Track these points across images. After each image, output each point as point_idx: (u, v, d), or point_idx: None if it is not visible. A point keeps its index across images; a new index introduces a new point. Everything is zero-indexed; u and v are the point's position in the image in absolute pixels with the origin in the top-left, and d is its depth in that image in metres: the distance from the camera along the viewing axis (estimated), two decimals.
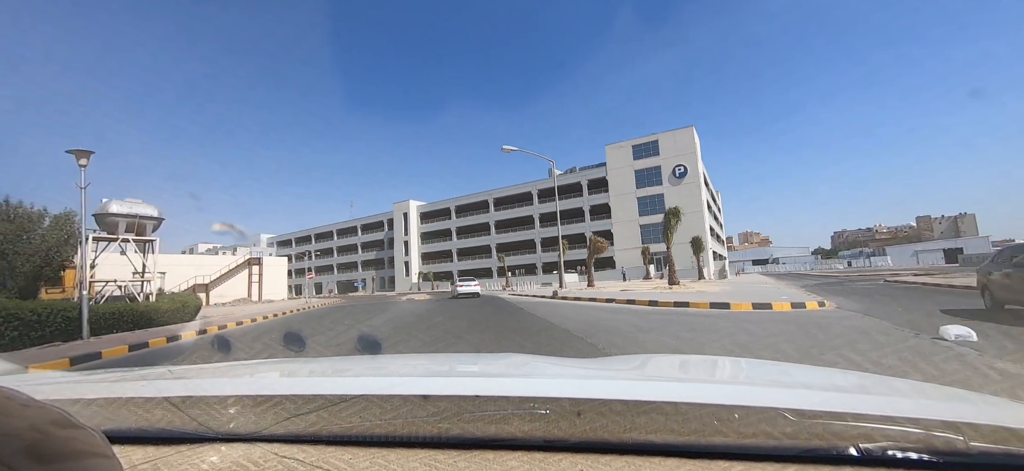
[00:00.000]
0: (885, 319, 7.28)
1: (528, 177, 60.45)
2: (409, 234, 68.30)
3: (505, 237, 60.56)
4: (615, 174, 52.33)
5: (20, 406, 0.40)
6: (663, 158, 49.49)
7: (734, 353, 5.17)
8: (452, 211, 65.71)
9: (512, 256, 57.48)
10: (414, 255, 68.11)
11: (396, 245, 70.14)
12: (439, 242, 67.14)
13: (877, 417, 0.64)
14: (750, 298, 11.99)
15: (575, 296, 18.53)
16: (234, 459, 0.71)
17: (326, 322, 14.53)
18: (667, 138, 49.51)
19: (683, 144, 48.61)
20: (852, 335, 6.05)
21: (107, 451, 0.46)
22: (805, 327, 6.93)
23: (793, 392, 0.81)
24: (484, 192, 63.03)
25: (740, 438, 0.66)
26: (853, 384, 1.05)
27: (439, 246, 66.95)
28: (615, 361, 1.48)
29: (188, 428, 0.79)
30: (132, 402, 0.82)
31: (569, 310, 12.73)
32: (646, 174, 50.61)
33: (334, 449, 0.74)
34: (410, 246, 68.02)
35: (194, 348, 9.40)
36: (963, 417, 0.64)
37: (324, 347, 7.40)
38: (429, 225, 68.38)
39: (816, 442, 0.64)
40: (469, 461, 0.68)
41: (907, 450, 0.62)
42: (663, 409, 0.69)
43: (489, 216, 62.07)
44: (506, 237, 60.48)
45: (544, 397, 0.73)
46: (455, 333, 8.99)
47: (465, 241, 64.34)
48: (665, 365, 1.32)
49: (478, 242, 62.95)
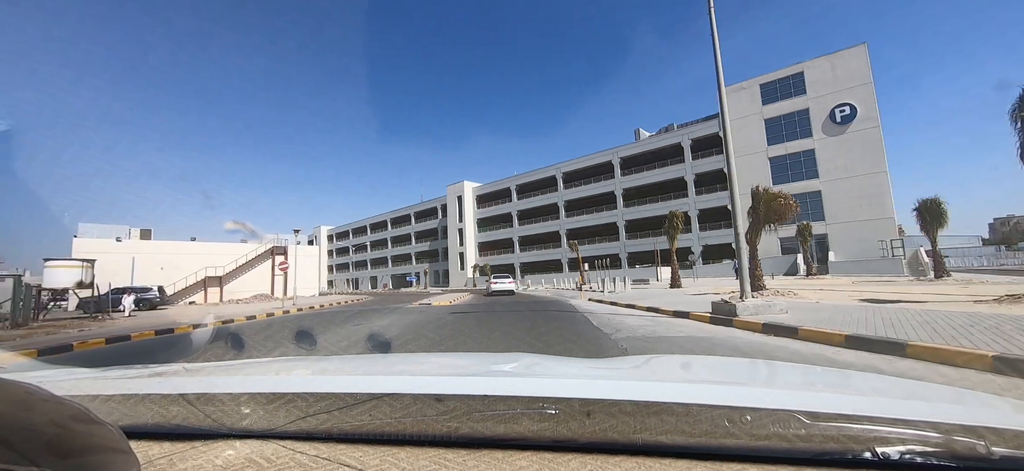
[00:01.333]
0: None
1: (603, 144, 47.43)
2: (464, 221, 58.50)
3: (578, 220, 48.07)
4: (734, 127, 37.32)
5: (41, 402, 0.41)
6: (813, 97, 33.70)
7: None
8: (512, 191, 54.58)
9: (588, 244, 44.84)
10: (470, 245, 58.20)
11: (449, 234, 60.82)
12: (498, 229, 56.45)
13: (894, 421, 0.62)
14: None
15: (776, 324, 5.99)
16: (247, 455, 0.73)
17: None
18: (819, 67, 33.55)
19: (847, 72, 32.41)
20: None
21: (124, 446, 0.48)
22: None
23: (807, 394, 0.79)
24: (550, 166, 51.05)
25: (752, 440, 0.65)
26: (869, 387, 1.01)
27: (498, 234, 56.26)
28: (624, 361, 1.49)
29: (203, 424, 0.80)
30: (149, 399, 0.84)
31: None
32: (784, 124, 35.13)
33: (345, 447, 0.75)
34: (465, 235, 58.21)
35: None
36: (985, 422, 0.62)
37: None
38: (486, 209, 57.96)
39: (830, 445, 0.62)
40: (479, 460, 0.69)
41: (925, 455, 0.60)
42: (674, 410, 0.68)
43: (557, 195, 49.95)
44: (579, 220, 47.96)
45: (554, 397, 0.73)
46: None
47: (528, 227, 52.89)
48: (676, 366, 1.31)
49: (544, 227, 51.14)
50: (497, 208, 56.52)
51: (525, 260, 52.86)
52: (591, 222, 46.99)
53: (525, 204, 53.27)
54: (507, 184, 55.28)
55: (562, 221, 49.20)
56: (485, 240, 57.85)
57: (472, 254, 58.06)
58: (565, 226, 48.77)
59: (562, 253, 48.56)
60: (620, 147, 45.18)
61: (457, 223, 59.56)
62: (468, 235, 58.24)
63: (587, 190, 47.46)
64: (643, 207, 43.37)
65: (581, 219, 47.85)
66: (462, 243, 58.77)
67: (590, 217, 47.18)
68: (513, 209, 54.29)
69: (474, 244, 58.69)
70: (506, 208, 55.24)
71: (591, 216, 47.12)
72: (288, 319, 15.01)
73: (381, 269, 76.43)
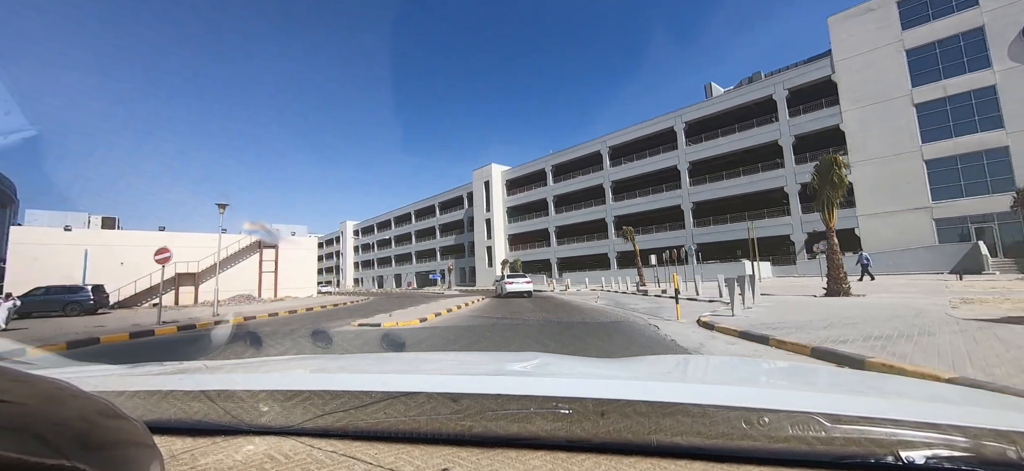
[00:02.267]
0: None
1: (656, 110, 37.65)
2: (492, 209, 50.52)
3: (630, 205, 38.71)
4: (851, 69, 26.79)
5: (70, 397, 0.42)
6: (990, 9, 22.70)
7: None
8: (547, 174, 45.93)
9: (643, 235, 35.41)
10: (499, 238, 50.15)
11: (476, 225, 53.07)
12: (531, 218, 48.01)
13: (918, 424, 0.61)
14: None
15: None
16: (265, 450, 0.75)
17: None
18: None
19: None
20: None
21: (149, 440, 0.50)
22: None
23: (827, 396, 0.78)
24: (594, 140, 41.93)
25: (770, 442, 0.64)
26: (893, 389, 0.99)
27: (531, 224, 47.81)
28: (640, 361, 1.40)
29: (223, 420, 0.82)
30: (172, 395, 0.86)
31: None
32: (940, 54, 24.23)
33: (360, 444, 0.76)
34: (494, 226, 50.21)
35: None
36: (1017, 426, 0.59)
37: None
38: (518, 196, 49.66)
39: (852, 448, 0.61)
40: (492, 459, 0.69)
41: (952, 461, 0.57)
42: (690, 411, 0.68)
43: (602, 175, 40.77)
44: (631, 204, 38.60)
45: (567, 397, 0.73)
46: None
47: (568, 214, 44.08)
48: (691, 366, 1.28)
49: (586, 214, 42.13)
50: (530, 193, 48.04)
51: (564, 254, 44.08)
52: (646, 206, 37.49)
53: (563, 187, 44.44)
54: (541, 165, 46.67)
55: (609, 206, 39.96)
56: (516, 232, 49.56)
57: (501, 248, 49.98)
58: (613, 212, 39.52)
59: (609, 246, 39.38)
60: (685, 109, 35.32)
61: (484, 212, 51.67)
62: (497, 226, 50.19)
63: (641, 167, 37.95)
64: (718, 185, 33.34)
65: (633, 203, 38.43)
66: (490, 235, 50.81)
67: (645, 200, 37.68)
68: (549, 194, 45.62)
69: (503, 237, 50.57)
70: (540, 193, 46.67)
71: (646, 198, 37.59)
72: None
73: (405, 266, 70.16)
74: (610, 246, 39.31)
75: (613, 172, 39.82)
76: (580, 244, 42.56)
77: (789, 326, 6.66)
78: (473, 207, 53.91)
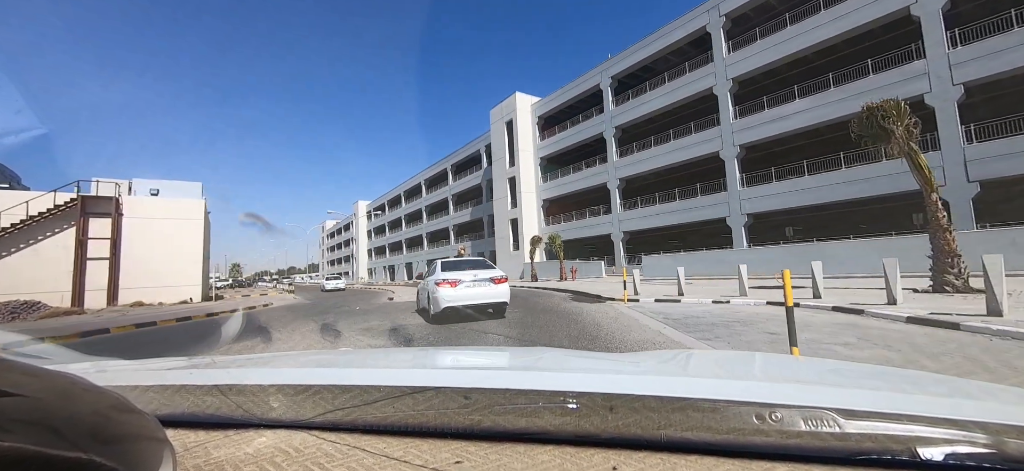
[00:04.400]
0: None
1: None
2: (517, 162, 33.54)
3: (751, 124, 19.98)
4: None
5: (83, 391, 0.43)
6: None
7: None
8: (606, 93, 27.98)
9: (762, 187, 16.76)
10: (528, 206, 33.14)
11: (496, 190, 36.35)
12: (576, 169, 30.46)
13: (937, 420, 0.59)
14: None
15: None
16: (276, 444, 0.76)
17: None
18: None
19: None
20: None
21: (161, 434, 0.50)
22: None
23: (841, 390, 0.77)
24: (698, 7, 23.38)
25: (782, 438, 0.63)
26: (910, 383, 0.95)
27: (578, 180, 30.28)
28: (649, 356, 1.40)
29: (235, 414, 0.84)
30: (184, 389, 0.88)
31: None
32: None
33: (368, 437, 0.78)
34: (519, 187, 33.23)
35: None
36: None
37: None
38: (556, 138, 32.25)
39: (867, 444, 0.60)
40: (500, 453, 0.70)
41: (973, 457, 0.56)
42: (700, 406, 0.67)
43: (710, 71, 22.28)
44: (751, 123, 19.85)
45: (575, 391, 0.73)
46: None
47: (644, 156, 26.04)
48: (702, 361, 1.28)
49: (683, 149, 23.91)
50: (576, 131, 30.42)
51: (637, 225, 26.24)
52: (806, 120, 18.72)
53: (637, 107, 26.39)
54: (595, 79, 28.76)
55: (729, 125, 21.51)
56: (555, 195, 32.22)
57: (533, 220, 32.92)
58: (736, 136, 21.06)
59: (723, 203, 21.11)
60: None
61: (506, 168, 34.73)
62: (525, 188, 33.13)
63: (765, 51, 19.15)
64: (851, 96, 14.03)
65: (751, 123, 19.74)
66: (515, 201, 33.87)
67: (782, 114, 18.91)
68: (608, 125, 27.75)
69: (536, 203, 33.45)
70: (593, 127, 28.91)
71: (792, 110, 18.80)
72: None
73: (417, 252, 55.14)
74: (725, 203, 21.01)
75: (733, 63, 21.26)
76: (670, 207, 24.44)
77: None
78: (492, 163, 37.12)
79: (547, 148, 32.78)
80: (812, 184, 18.37)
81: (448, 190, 46.42)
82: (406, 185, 57.77)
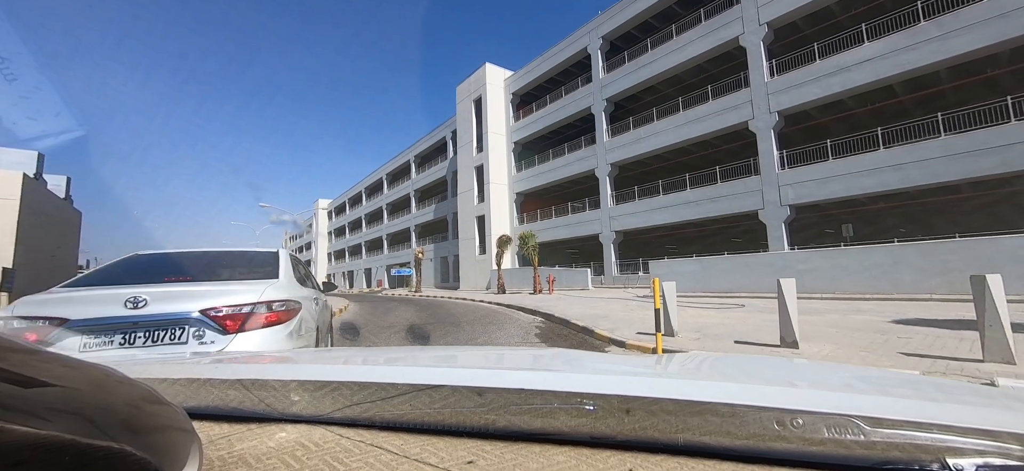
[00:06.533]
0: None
1: None
2: (486, 147, 27.54)
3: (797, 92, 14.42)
4: None
5: (116, 383, 0.45)
6: None
7: None
8: (597, 58, 22.27)
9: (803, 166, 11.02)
10: (498, 199, 27.12)
11: (461, 183, 30.24)
12: (558, 153, 24.59)
13: (970, 430, 0.57)
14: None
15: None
16: (296, 438, 0.79)
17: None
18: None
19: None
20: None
21: (188, 426, 0.52)
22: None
23: (868, 398, 0.73)
24: None
25: (804, 445, 0.61)
26: (942, 392, 0.90)
27: (555, 171, 24.40)
28: (667, 358, 1.37)
29: (257, 408, 0.86)
30: (210, 383, 0.91)
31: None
32: None
33: (386, 434, 0.79)
34: (487, 177, 27.18)
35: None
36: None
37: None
38: (530, 122, 26.40)
39: (894, 454, 0.58)
40: (516, 453, 0.70)
41: (1006, 470, 0.54)
42: (719, 410, 0.66)
43: (738, 16, 16.69)
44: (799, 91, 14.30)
45: (592, 393, 0.73)
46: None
47: (647, 132, 20.29)
48: (720, 365, 1.28)
49: (702, 121, 18.20)
50: (559, 108, 24.61)
51: (632, 223, 20.45)
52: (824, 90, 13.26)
53: (629, 76, 20.75)
54: (582, 41, 23.08)
55: (763, 86, 15.94)
56: (531, 187, 26.28)
57: (504, 216, 26.91)
58: (775, 99, 15.48)
59: (754, 191, 15.45)
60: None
61: (473, 156, 28.72)
62: (496, 177, 27.12)
63: None
64: None
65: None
66: (482, 194, 27.79)
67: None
68: (597, 97, 22.05)
69: (508, 195, 27.48)
70: (579, 102, 23.18)
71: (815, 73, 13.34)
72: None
73: (376, 256, 48.69)
74: (768, 191, 15.39)
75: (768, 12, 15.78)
76: (678, 198, 18.75)
77: None
78: (457, 150, 31.05)
79: (522, 130, 26.90)
80: (890, 159, 12.87)
81: (411, 185, 40.14)
82: (368, 180, 51.23)
